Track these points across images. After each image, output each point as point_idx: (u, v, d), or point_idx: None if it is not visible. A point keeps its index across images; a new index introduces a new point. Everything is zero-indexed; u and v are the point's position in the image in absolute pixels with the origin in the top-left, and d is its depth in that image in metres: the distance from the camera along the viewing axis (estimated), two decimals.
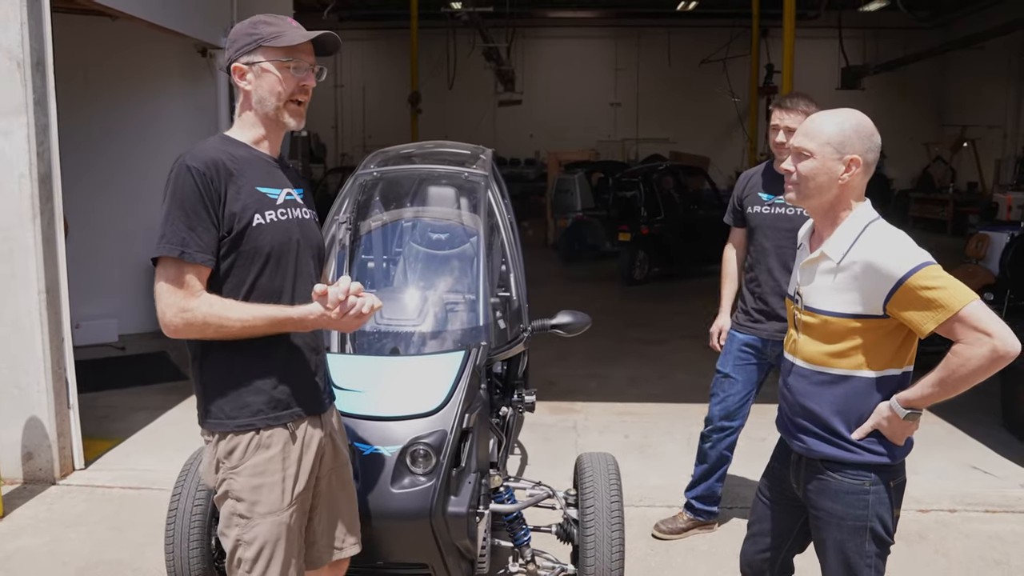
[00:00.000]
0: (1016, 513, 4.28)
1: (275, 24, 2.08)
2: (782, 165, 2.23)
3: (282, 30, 2.07)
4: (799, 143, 2.17)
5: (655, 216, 12.35)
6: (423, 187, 3.62)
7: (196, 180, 1.96)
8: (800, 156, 2.16)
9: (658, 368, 7.32)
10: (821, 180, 2.14)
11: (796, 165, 2.17)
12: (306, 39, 2.08)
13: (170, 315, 1.96)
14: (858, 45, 18.80)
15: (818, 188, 2.15)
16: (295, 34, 2.08)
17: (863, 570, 2.19)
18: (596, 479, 3.16)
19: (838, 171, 2.13)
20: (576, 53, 21.75)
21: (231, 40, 2.10)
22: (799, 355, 2.24)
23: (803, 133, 2.18)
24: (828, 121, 2.16)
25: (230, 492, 2.07)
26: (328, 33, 2.11)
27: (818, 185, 2.14)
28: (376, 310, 2.04)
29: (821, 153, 2.13)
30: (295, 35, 2.07)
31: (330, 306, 1.96)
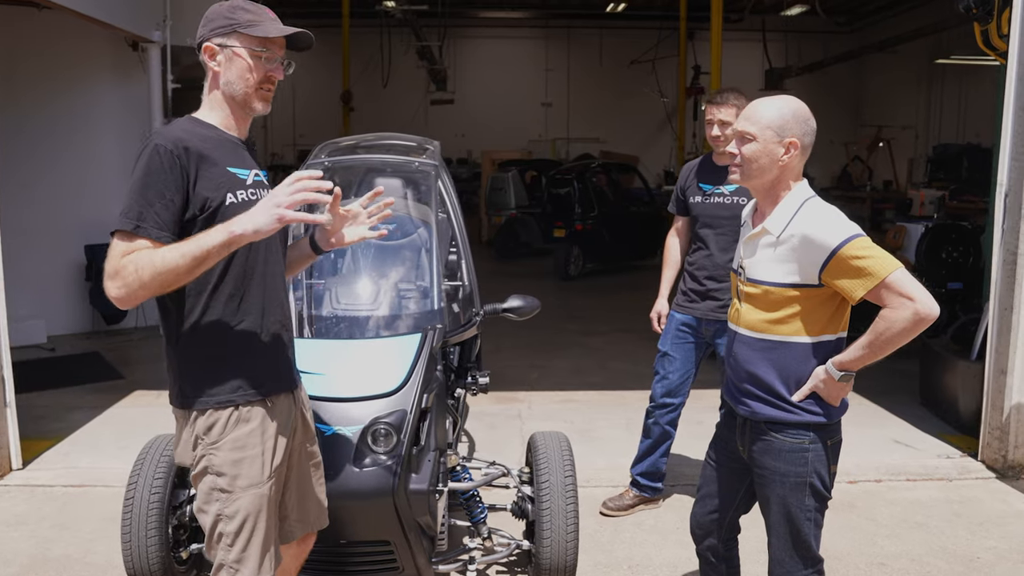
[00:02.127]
0: (934, 481, 4.57)
1: (253, 12, 2.12)
2: (727, 148, 2.38)
3: (260, 19, 2.11)
4: (742, 127, 2.32)
5: (589, 213, 12.58)
6: (374, 176, 3.68)
7: (163, 159, 1.98)
8: (743, 139, 2.31)
9: (597, 358, 7.50)
10: (763, 162, 2.29)
11: (740, 148, 2.32)
12: (282, 34, 2.13)
13: (109, 286, 1.91)
14: (780, 48, 19.49)
15: (760, 169, 2.30)
16: (271, 26, 2.12)
17: (804, 523, 2.36)
18: (550, 455, 3.28)
19: (778, 153, 2.29)
20: (508, 53, 21.91)
21: (207, 19, 2.12)
22: (742, 323, 2.40)
23: (745, 118, 2.33)
24: (769, 106, 2.32)
25: (210, 467, 2.09)
26: (304, 32, 2.16)
27: (760, 166, 2.30)
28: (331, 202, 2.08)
29: (763, 136, 2.29)
30: (271, 27, 2.12)
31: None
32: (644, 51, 19.88)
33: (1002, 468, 4.62)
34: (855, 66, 18.74)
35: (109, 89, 8.00)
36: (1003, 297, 4.56)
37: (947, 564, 3.63)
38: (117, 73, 8.00)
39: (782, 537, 2.39)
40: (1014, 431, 4.57)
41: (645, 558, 3.68)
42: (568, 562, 3.17)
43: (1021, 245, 4.44)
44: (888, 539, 3.83)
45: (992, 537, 3.90)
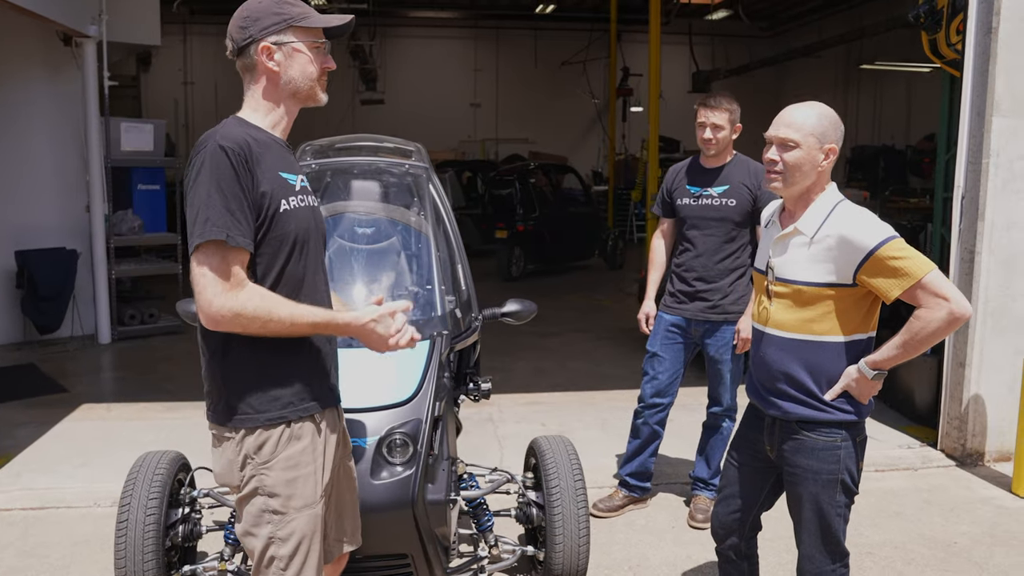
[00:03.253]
0: (900, 470, 4.76)
1: (298, 5, 2.04)
2: (766, 155, 2.39)
3: (307, 11, 2.04)
4: (785, 134, 2.34)
5: (531, 214, 12.63)
6: (367, 179, 3.59)
7: (232, 161, 1.88)
8: (786, 147, 2.34)
9: (557, 359, 7.53)
10: (805, 168, 2.33)
11: (782, 155, 2.34)
12: (343, 23, 2.06)
13: (217, 305, 1.86)
14: (707, 51, 19.96)
15: (803, 175, 2.34)
16: (322, 16, 2.05)
17: (835, 519, 2.42)
18: (558, 460, 3.26)
19: (819, 159, 2.34)
20: (437, 53, 21.75)
21: (251, 18, 2.01)
22: (771, 323, 2.43)
23: (787, 125, 2.35)
24: (809, 114, 2.36)
25: (261, 488, 2.00)
26: (352, 21, 2.10)
27: (803, 173, 2.34)
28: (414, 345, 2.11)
29: (806, 143, 2.32)
30: (324, 18, 2.05)
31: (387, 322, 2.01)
32: (575, 53, 20.06)
33: (961, 456, 4.84)
34: (779, 69, 19.35)
35: (40, 86, 7.61)
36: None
37: (928, 550, 3.78)
38: (48, 69, 7.61)
39: (813, 533, 2.44)
40: (972, 421, 4.79)
41: (643, 558, 3.71)
42: (580, 566, 3.17)
43: (977, 244, 4.66)
44: (871, 528, 3.96)
45: (964, 523, 4.08)
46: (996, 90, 4.54)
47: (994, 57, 4.54)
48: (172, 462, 3.20)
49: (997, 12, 4.51)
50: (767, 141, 2.40)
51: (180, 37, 19.52)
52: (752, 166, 3.85)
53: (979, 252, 4.65)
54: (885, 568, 3.60)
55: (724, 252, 3.83)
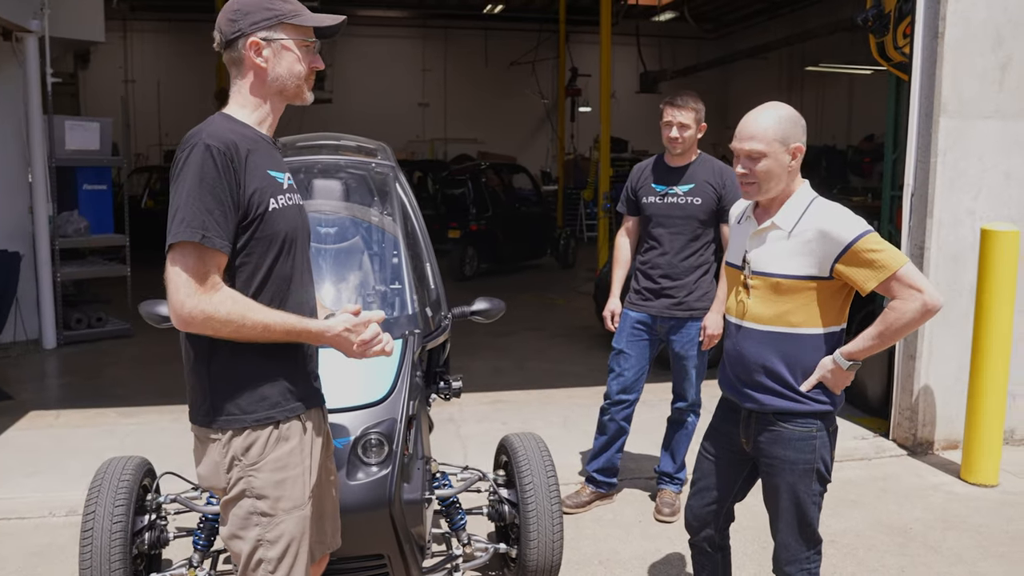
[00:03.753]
0: (857, 460, 4.89)
1: (290, 2, 2.01)
2: (736, 169, 2.43)
3: (299, 8, 2.01)
4: (751, 147, 2.37)
5: (483, 213, 12.64)
6: (333, 178, 3.56)
7: (217, 161, 1.85)
8: (753, 158, 2.38)
9: (513, 358, 7.55)
10: (777, 173, 2.38)
11: (752, 168, 2.39)
12: (335, 23, 2.04)
13: (189, 307, 1.83)
14: (655, 52, 20.20)
15: (776, 180, 2.39)
16: (314, 15, 2.02)
17: (810, 508, 2.48)
18: (531, 456, 3.28)
19: (787, 161, 2.39)
20: (385, 53, 21.59)
21: (241, 12, 1.97)
22: (748, 317, 2.48)
23: (750, 136, 2.38)
24: (769, 120, 2.39)
25: (249, 491, 1.97)
26: (344, 22, 2.08)
27: (776, 178, 2.39)
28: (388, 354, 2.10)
29: (772, 150, 2.37)
30: (315, 17, 2.02)
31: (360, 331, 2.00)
32: (524, 53, 20.12)
33: (912, 445, 5.00)
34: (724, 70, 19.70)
35: None
36: None
37: (886, 536, 3.90)
38: None
39: (790, 523, 2.49)
40: (922, 411, 4.96)
41: (612, 552, 3.75)
42: (554, 562, 3.19)
43: (927, 240, 4.82)
44: (831, 517, 4.06)
45: (917, 509, 4.22)
46: (943, 92, 4.70)
47: (941, 60, 4.69)
48: (137, 468, 3.12)
49: (943, 17, 4.67)
50: (736, 154, 2.44)
51: (120, 34, 19.00)
52: (716, 165, 3.92)
53: (928, 248, 4.81)
54: (847, 555, 3.71)
55: (689, 250, 3.90)
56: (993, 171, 4.83)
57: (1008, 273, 4.44)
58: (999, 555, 3.73)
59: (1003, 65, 4.77)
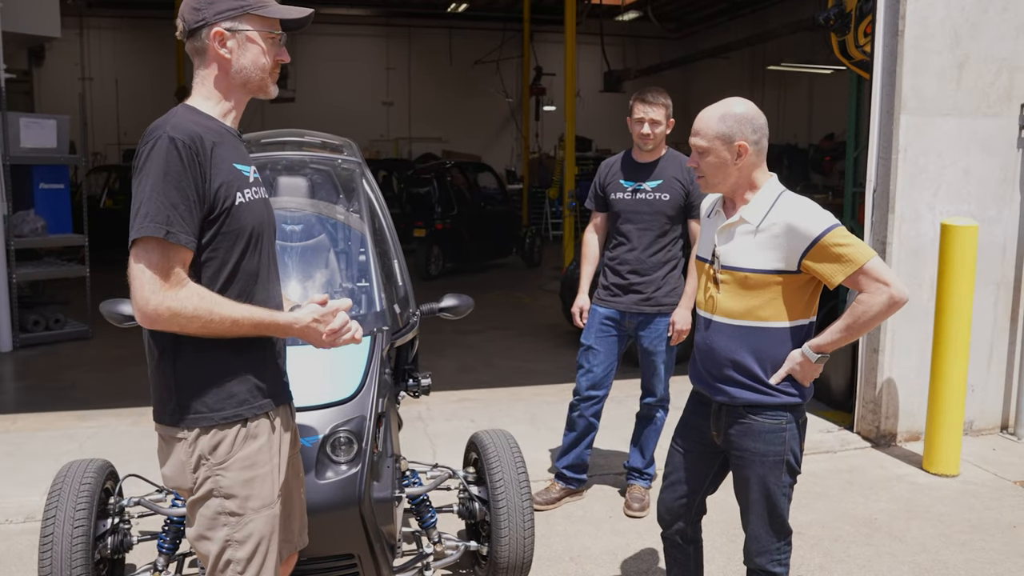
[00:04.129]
0: (822, 453, 4.95)
1: None
2: (689, 163, 2.49)
3: (265, 0, 1.97)
4: (694, 142, 2.43)
5: (449, 212, 12.60)
6: (299, 175, 3.51)
7: (182, 154, 1.80)
8: (699, 153, 2.43)
9: (481, 356, 7.54)
10: (721, 169, 2.42)
11: (699, 162, 2.45)
12: (302, 16, 2.00)
13: (154, 303, 1.79)
14: (619, 52, 20.30)
15: (723, 175, 2.43)
16: (281, 7, 1.98)
17: (780, 499, 2.50)
18: (501, 453, 3.26)
19: (730, 158, 2.41)
20: (349, 51, 21.45)
21: (203, 0, 1.93)
22: (718, 311, 2.49)
23: (694, 133, 2.44)
24: (712, 118, 2.42)
25: (217, 490, 1.92)
26: (312, 15, 2.04)
27: (722, 172, 2.42)
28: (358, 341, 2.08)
29: (713, 147, 2.40)
30: (283, 9, 1.98)
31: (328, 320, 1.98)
32: (488, 52, 20.11)
33: (876, 438, 5.07)
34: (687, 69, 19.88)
35: None
36: None
37: (852, 527, 3.95)
38: None
39: (760, 514, 2.51)
40: (885, 403, 5.03)
41: (583, 548, 3.75)
42: (526, 559, 3.18)
43: (889, 235, 4.89)
44: (797, 510, 4.06)
45: (882, 500, 4.28)
46: (903, 89, 4.78)
47: (901, 57, 4.77)
48: (99, 471, 3.05)
49: (903, 16, 4.75)
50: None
51: (76, 31, 18.63)
52: (684, 160, 3.93)
53: (890, 243, 4.89)
54: (814, 546, 3.75)
55: (658, 245, 3.91)
56: (952, 167, 4.92)
57: (967, 267, 4.53)
58: (961, 543, 3.80)
59: (960, 64, 4.86)
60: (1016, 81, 4.96)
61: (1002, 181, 5.03)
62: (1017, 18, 4.91)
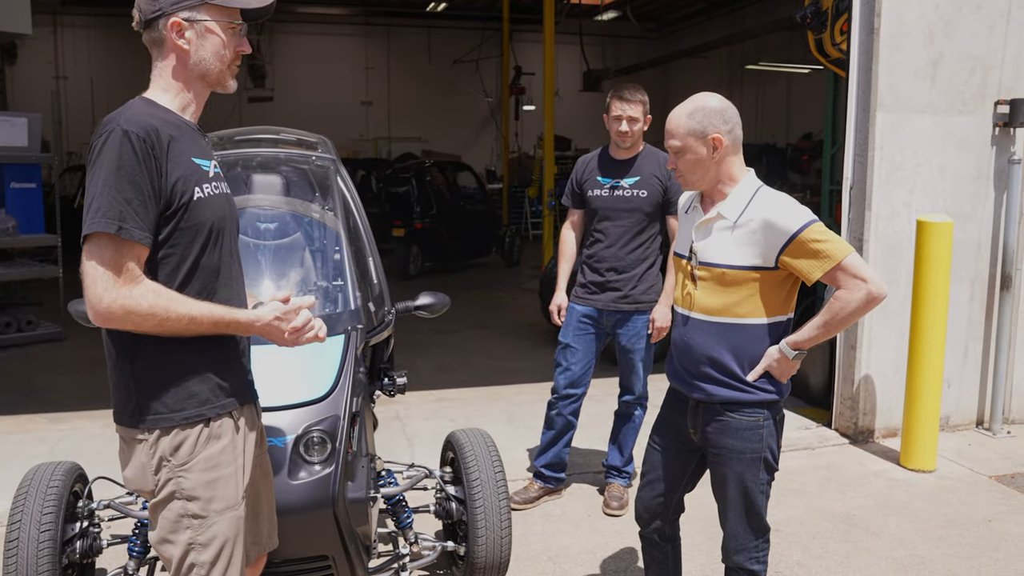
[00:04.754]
0: (799, 450, 4.96)
1: None
2: (669, 165, 2.48)
3: None
4: (669, 144, 2.42)
5: (428, 211, 12.55)
6: (272, 171, 3.46)
7: (136, 148, 1.76)
8: (675, 153, 2.42)
9: (459, 356, 7.50)
10: (699, 165, 2.40)
11: (676, 163, 2.43)
12: (262, 5, 1.95)
13: (107, 301, 1.74)
14: (598, 51, 20.31)
15: (702, 171, 2.41)
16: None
17: (758, 497, 2.49)
18: (478, 452, 3.23)
19: (706, 153, 2.39)
20: (327, 50, 21.30)
21: None
22: (696, 308, 2.47)
23: (667, 134, 2.42)
24: (680, 115, 2.40)
25: (179, 492, 1.88)
26: (273, 4, 2.00)
27: (700, 169, 2.41)
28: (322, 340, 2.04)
29: (687, 144, 2.39)
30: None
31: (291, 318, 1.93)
32: (467, 51, 20.05)
33: (854, 434, 5.09)
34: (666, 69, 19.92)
35: None
36: None
37: (831, 524, 3.96)
38: None
39: (738, 512, 2.50)
40: (863, 400, 5.05)
41: (562, 548, 3.73)
42: (503, 558, 3.15)
43: (865, 232, 4.91)
44: (776, 507, 4.09)
45: (860, 496, 4.29)
46: (879, 87, 4.80)
47: (877, 55, 4.79)
48: (67, 473, 2.99)
49: (879, 13, 4.76)
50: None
51: (50, 28, 18.38)
52: (662, 157, 3.92)
53: (867, 240, 4.91)
54: (792, 543, 3.75)
55: (636, 243, 3.89)
56: (928, 165, 4.95)
57: (942, 263, 4.55)
58: (938, 538, 3.82)
59: (935, 62, 4.89)
60: (990, 79, 4.99)
61: (977, 178, 5.06)
62: (990, 17, 4.94)
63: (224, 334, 1.93)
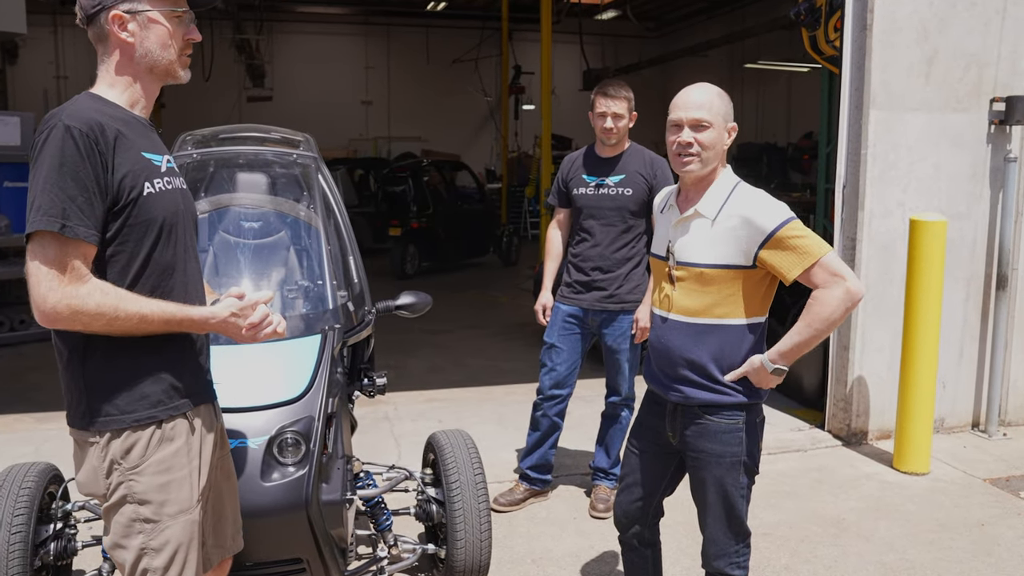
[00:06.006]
0: (792, 452, 4.90)
1: None
2: (679, 138, 2.34)
3: None
4: (699, 115, 2.31)
5: (424, 211, 12.50)
6: (253, 170, 3.41)
7: (78, 143, 1.71)
8: (700, 127, 2.32)
9: (451, 356, 7.45)
10: (718, 147, 2.35)
11: (696, 136, 2.32)
12: None
13: (52, 301, 1.69)
14: (598, 50, 20.25)
15: (716, 155, 2.35)
16: None
17: (738, 501, 2.43)
18: (457, 454, 3.19)
19: (725, 139, 2.36)
20: (327, 50, 21.27)
21: None
22: (674, 309, 2.42)
23: (697, 107, 2.33)
24: (713, 95, 2.36)
25: (130, 496, 1.83)
26: None
27: (716, 152, 2.35)
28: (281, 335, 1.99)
29: (716, 123, 2.34)
30: None
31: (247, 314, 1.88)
32: (467, 50, 20.00)
33: (847, 436, 5.03)
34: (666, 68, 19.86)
35: None
36: None
37: (820, 527, 3.90)
38: None
39: (718, 516, 2.44)
40: (856, 401, 4.99)
41: (545, 551, 3.68)
42: (482, 562, 3.10)
43: (858, 232, 4.85)
44: (765, 510, 4.05)
45: (851, 499, 4.24)
46: (872, 84, 4.74)
47: (869, 52, 4.73)
48: (41, 474, 2.95)
49: (871, 9, 4.70)
50: (676, 124, 2.36)
51: (51, 28, 18.36)
52: (647, 155, 3.87)
53: (860, 240, 4.85)
54: (781, 547, 3.69)
55: (621, 241, 3.84)
56: (922, 163, 4.89)
57: (936, 263, 4.49)
58: (929, 542, 3.76)
59: (929, 59, 4.83)
60: (985, 76, 4.93)
61: (972, 177, 5.00)
62: (986, 13, 4.88)
63: (179, 332, 1.88)
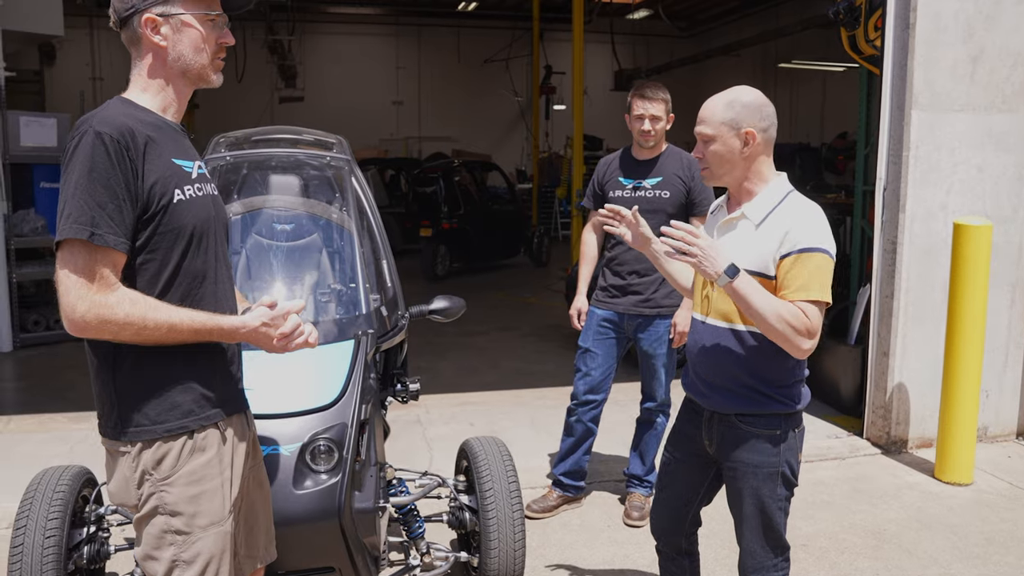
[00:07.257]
0: (829, 460, 4.80)
1: None
2: (695, 151, 2.36)
3: None
4: (700, 130, 2.31)
5: (455, 211, 12.49)
6: (286, 172, 3.40)
7: (109, 150, 1.68)
8: (704, 142, 2.30)
9: (485, 358, 7.42)
10: (728, 158, 2.29)
11: (703, 151, 2.31)
12: None
13: (82, 310, 1.67)
14: (629, 50, 20.13)
15: (729, 165, 2.29)
16: None
17: (776, 513, 2.36)
18: (491, 462, 3.15)
19: (737, 146, 2.27)
20: (358, 50, 21.39)
21: None
22: (713, 313, 2.36)
23: (700, 120, 2.31)
24: (718, 104, 2.30)
25: (162, 507, 1.81)
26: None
27: (727, 163, 2.29)
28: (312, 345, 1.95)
29: (720, 134, 2.28)
30: None
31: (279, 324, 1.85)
32: (497, 51, 19.98)
33: (886, 444, 4.92)
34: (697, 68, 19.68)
35: None
36: (884, 285, 4.86)
37: (860, 538, 3.80)
38: None
39: (755, 528, 2.38)
40: (896, 409, 4.88)
41: (579, 559, 3.62)
42: (516, 570, 3.06)
43: (899, 235, 4.74)
44: (803, 520, 3.96)
45: (892, 509, 4.13)
46: (915, 84, 4.63)
47: (912, 52, 4.62)
48: (75, 477, 2.96)
49: (914, 8, 4.59)
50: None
51: (87, 30, 18.64)
52: (685, 157, 3.80)
53: (900, 243, 4.73)
54: (819, 559, 3.61)
55: None
56: (965, 165, 4.76)
57: (981, 268, 4.37)
58: (974, 556, 3.65)
59: (974, 58, 4.70)
60: None
61: (1017, 179, 4.86)
62: None
63: (210, 342, 1.86)
